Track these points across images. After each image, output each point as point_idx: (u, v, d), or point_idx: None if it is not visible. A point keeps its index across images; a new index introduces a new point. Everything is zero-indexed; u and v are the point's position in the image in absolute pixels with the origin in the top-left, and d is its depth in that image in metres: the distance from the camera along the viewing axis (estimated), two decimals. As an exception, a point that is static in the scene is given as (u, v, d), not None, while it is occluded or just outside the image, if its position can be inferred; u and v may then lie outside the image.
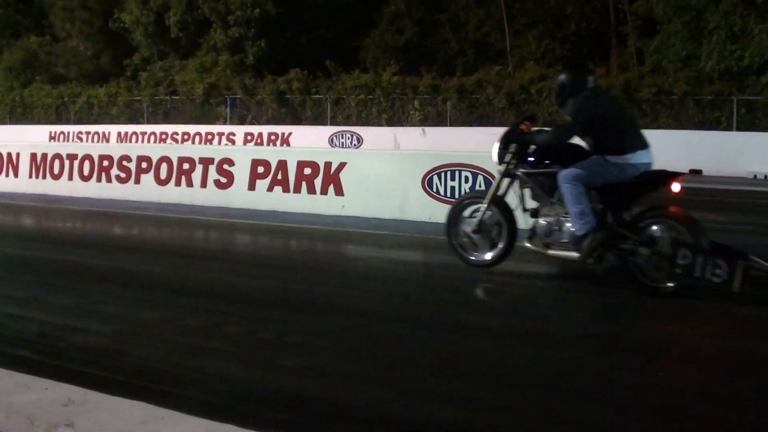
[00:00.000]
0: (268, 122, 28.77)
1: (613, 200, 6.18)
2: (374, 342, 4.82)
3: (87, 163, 14.14)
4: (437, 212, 8.98)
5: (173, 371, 4.25)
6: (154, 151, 13.71)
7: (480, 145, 20.98)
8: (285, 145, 25.27)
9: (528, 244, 6.64)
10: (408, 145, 22.98)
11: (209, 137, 27.25)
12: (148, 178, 13.31)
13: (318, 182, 11.47)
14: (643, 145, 6.21)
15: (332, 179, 11.33)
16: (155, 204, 12.67)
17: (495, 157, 6.84)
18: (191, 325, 5.32)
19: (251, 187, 12.20)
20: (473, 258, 6.96)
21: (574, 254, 6.22)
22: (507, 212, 6.85)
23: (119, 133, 28.80)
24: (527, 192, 6.75)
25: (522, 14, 29.44)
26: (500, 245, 6.81)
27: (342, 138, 25.33)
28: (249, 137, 26.51)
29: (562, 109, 6.61)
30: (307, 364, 4.31)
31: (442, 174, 10.31)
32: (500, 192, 6.90)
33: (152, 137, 28.08)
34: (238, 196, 12.29)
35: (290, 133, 26.14)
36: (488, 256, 6.87)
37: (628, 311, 5.75)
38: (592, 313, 5.82)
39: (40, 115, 34.30)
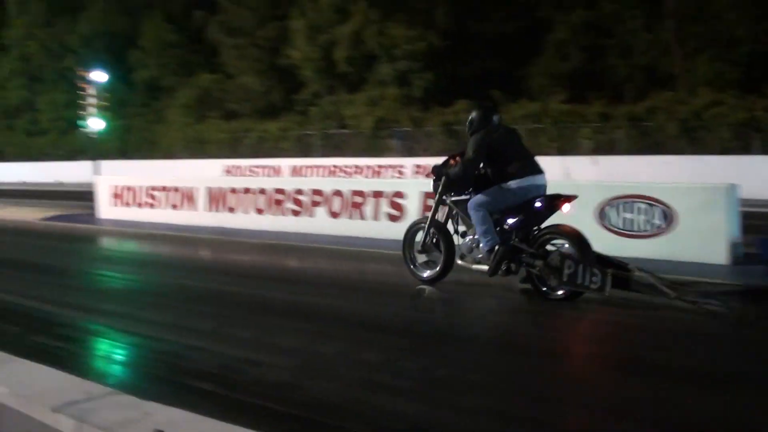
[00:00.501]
0: (436, 154, 28.84)
1: (521, 221, 7.22)
2: (553, 383, 4.76)
3: (262, 197, 14.34)
4: (612, 245, 8.49)
5: (350, 407, 4.30)
6: (327, 185, 13.75)
7: (654, 174, 20.78)
8: (455, 176, 25.41)
9: (459, 261, 7.84)
10: (579, 174, 22.72)
11: (379, 169, 27.92)
12: (321, 211, 13.37)
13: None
14: (535, 171, 7.35)
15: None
16: (328, 237, 12.63)
17: (431, 188, 8.25)
18: (368, 359, 5.35)
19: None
20: (423, 275, 8.14)
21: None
22: (445, 234, 7.97)
23: (291, 167, 29.94)
24: (459, 216, 7.96)
25: (691, 37, 28.79)
26: (439, 264, 7.95)
27: (512, 168, 25.23)
28: (418, 169, 26.74)
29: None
30: (487, 404, 4.31)
31: (617, 206, 9.89)
32: (438, 217, 8.14)
33: (323, 170, 28.95)
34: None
35: (459, 165, 26.29)
36: (427, 273, 8.09)
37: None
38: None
39: (214, 150, 35.79)
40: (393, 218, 12.53)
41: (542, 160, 7.63)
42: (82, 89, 34.26)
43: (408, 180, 23.40)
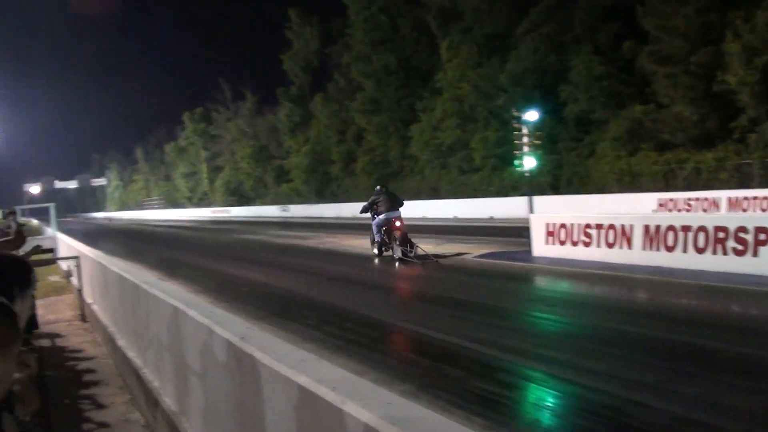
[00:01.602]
0: None
1: (387, 230, 19.41)
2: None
3: (701, 235, 13.56)
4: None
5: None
6: (772, 222, 12.77)
7: None
8: None
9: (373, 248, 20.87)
10: None
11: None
12: (767, 251, 12.42)
13: None
14: (394, 208, 19.59)
15: None
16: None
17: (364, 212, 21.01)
18: None
19: None
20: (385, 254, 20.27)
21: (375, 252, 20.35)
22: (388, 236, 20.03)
23: (729, 199, 28.61)
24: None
25: None
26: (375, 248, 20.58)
27: None
28: None
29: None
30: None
31: None
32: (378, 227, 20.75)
33: (764, 202, 27.17)
34: None
35: None
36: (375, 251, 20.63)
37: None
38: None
39: (647, 183, 35.49)
40: None
41: None
42: (514, 128, 35.88)
43: None
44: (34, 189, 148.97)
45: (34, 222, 64.66)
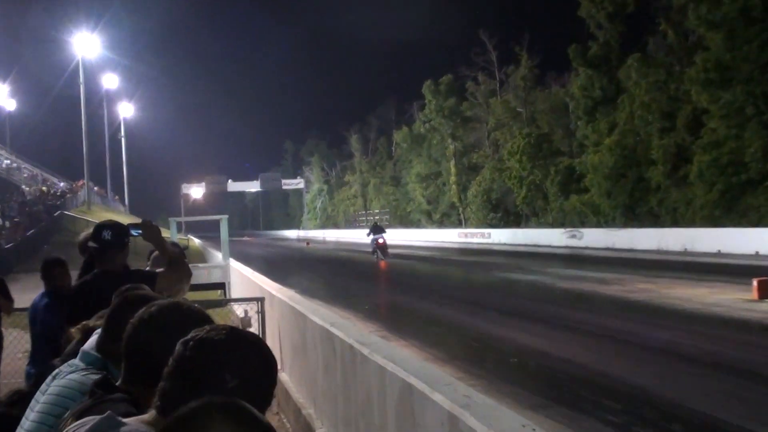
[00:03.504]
0: None
1: (375, 244, 40.89)
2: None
3: None
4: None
5: None
6: None
7: None
8: None
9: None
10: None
11: None
12: None
13: None
14: (377, 233, 39.97)
15: None
16: None
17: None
18: None
19: None
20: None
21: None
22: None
23: None
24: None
25: None
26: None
27: None
28: None
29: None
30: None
31: None
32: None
33: None
34: None
35: None
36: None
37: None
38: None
39: None
40: None
41: None
42: None
43: None
44: (196, 191, 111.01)
45: (195, 241, 59.30)
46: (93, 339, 2.76)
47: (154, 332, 2.22)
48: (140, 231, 5.08)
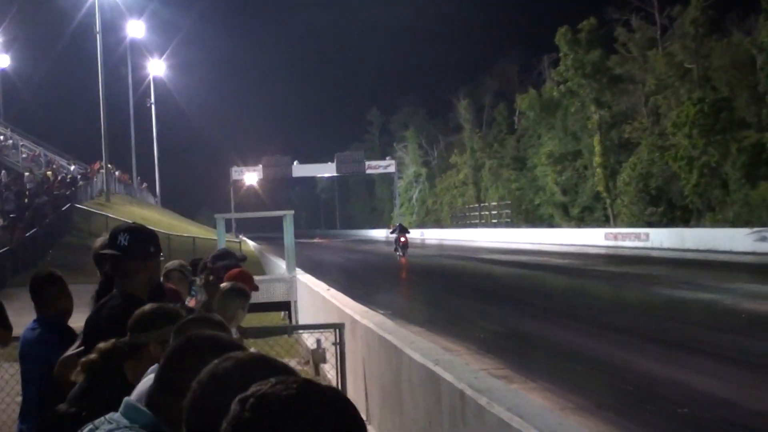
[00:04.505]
0: None
1: (396, 241, 50.19)
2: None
3: None
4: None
5: None
6: None
7: None
8: None
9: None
10: None
11: None
12: None
13: None
14: (401, 232, 47.66)
15: None
16: None
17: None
18: None
19: None
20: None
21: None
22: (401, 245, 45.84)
23: None
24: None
25: None
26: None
27: None
28: None
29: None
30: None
31: None
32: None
33: None
34: None
35: None
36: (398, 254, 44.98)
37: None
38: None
39: None
40: None
41: None
42: None
43: None
44: (251, 177, 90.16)
45: (249, 244, 52.81)
46: (143, 384, 2.32)
47: (229, 395, 1.64)
48: None
